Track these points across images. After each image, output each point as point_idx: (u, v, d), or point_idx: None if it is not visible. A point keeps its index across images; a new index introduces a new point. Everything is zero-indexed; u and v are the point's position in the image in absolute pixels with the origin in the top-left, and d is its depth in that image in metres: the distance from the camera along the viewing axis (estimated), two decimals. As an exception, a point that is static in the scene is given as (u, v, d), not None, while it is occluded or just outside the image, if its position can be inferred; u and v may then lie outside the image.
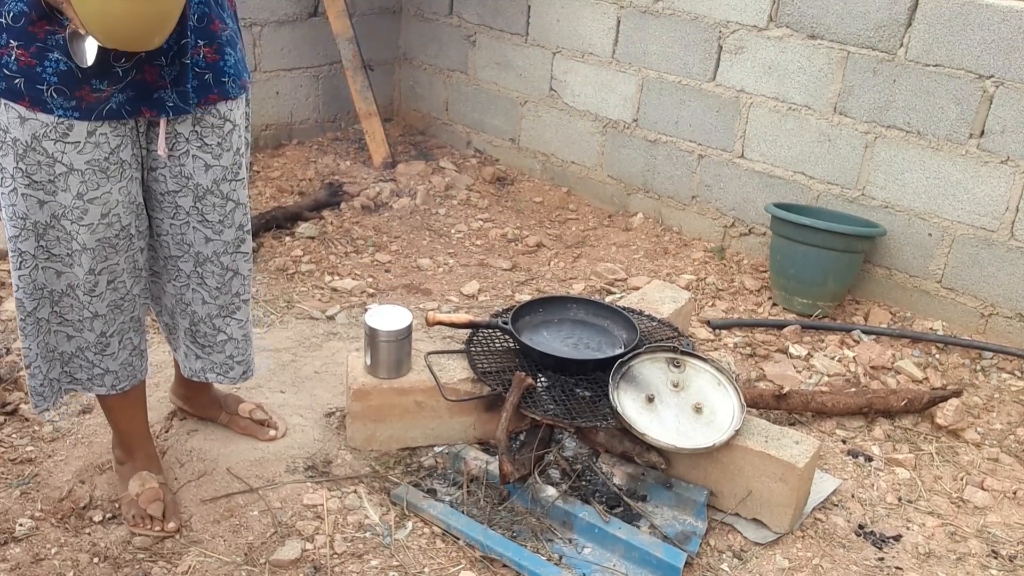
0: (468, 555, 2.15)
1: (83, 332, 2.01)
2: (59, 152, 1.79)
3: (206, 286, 2.10)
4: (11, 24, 1.69)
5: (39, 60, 1.71)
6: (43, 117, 1.75)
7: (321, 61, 4.71)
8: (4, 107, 1.75)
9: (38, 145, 1.77)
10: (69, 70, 1.72)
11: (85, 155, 1.81)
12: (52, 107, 1.74)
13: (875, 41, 3.36)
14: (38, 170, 1.80)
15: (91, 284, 1.94)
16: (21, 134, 1.76)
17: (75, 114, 1.76)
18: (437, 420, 2.47)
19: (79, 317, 1.98)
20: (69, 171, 1.81)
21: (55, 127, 1.76)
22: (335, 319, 3.20)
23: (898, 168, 3.42)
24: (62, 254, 1.90)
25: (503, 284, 3.57)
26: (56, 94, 1.74)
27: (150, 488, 2.17)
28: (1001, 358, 3.23)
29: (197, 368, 2.24)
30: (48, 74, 1.72)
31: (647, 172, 4.15)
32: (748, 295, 3.63)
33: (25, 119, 1.75)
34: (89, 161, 1.81)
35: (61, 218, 1.85)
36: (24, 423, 2.48)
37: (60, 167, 1.80)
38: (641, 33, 3.98)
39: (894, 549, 2.31)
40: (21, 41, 1.69)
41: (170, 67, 1.81)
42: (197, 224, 2.01)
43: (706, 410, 2.32)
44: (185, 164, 1.94)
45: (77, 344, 2.03)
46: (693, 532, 2.23)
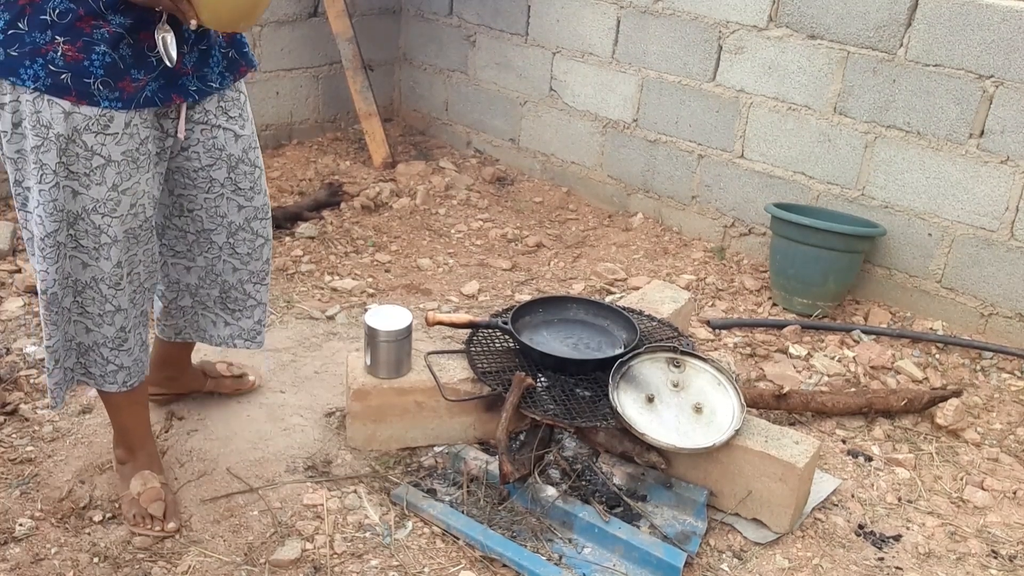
0: (468, 555, 2.15)
1: (102, 327, 2.04)
2: (98, 145, 1.85)
3: (237, 254, 2.20)
4: (57, 21, 1.73)
5: (86, 54, 1.76)
6: (86, 110, 1.80)
7: (321, 61, 4.71)
8: (48, 103, 1.78)
9: (79, 139, 1.83)
10: (113, 62, 1.79)
11: (121, 146, 1.87)
12: (99, 99, 1.80)
13: (875, 41, 3.36)
14: (76, 162, 1.85)
15: (116, 278, 1.99)
16: (64, 129, 1.81)
17: (118, 104, 1.82)
18: (437, 420, 2.48)
19: (100, 311, 2.02)
20: (107, 163, 1.87)
21: (97, 120, 1.82)
22: (335, 319, 3.20)
23: (898, 168, 3.42)
24: (89, 247, 1.94)
25: (503, 284, 3.57)
26: (102, 86, 1.80)
27: (151, 488, 2.18)
28: (1001, 358, 3.23)
29: (226, 335, 2.34)
30: (95, 67, 1.78)
31: (647, 172, 4.15)
32: (748, 295, 3.63)
33: (69, 113, 1.80)
34: (124, 152, 1.88)
35: (92, 212, 1.90)
36: (24, 423, 2.48)
37: (98, 159, 1.86)
38: (641, 33, 3.98)
39: (894, 549, 2.31)
40: (68, 37, 1.74)
41: (190, 54, 1.91)
42: (231, 194, 2.12)
43: (706, 410, 2.32)
44: (217, 137, 2.04)
45: (94, 339, 2.06)
46: (693, 532, 2.23)
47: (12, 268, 3.27)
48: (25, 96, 1.78)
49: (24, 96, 1.78)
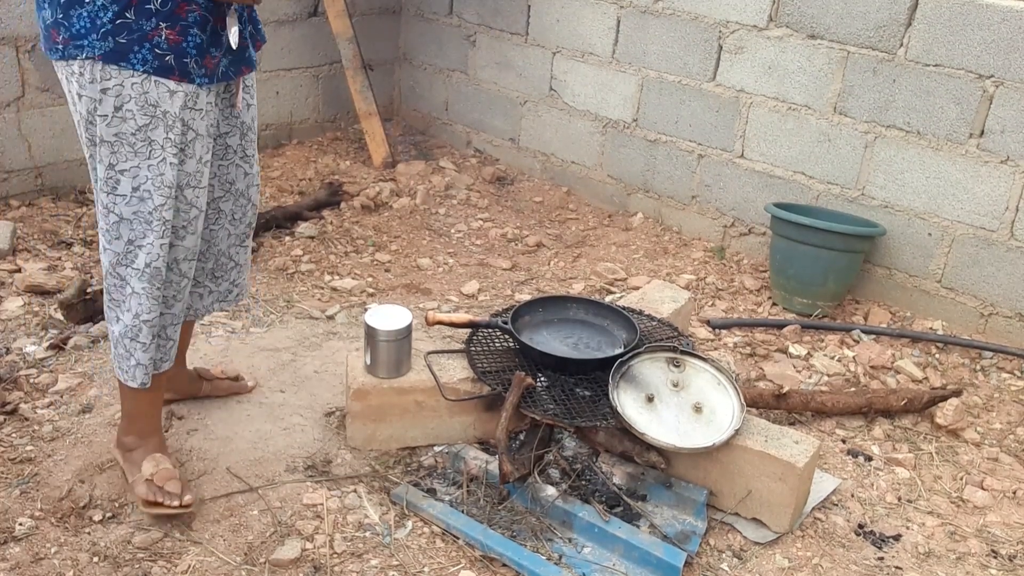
0: (468, 554, 2.15)
1: (174, 307, 2.14)
2: (191, 120, 1.99)
3: (234, 221, 2.29)
4: (160, 9, 1.89)
5: (183, 37, 1.92)
6: (185, 87, 1.95)
7: (321, 61, 4.71)
8: (155, 84, 1.92)
9: (181, 115, 1.96)
10: (202, 42, 1.95)
11: (205, 120, 2.02)
12: (194, 77, 1.95)
13: (875, 41, 3.36)
14: (180, 139, 1.98)
15: (195, 251, 2.12)
16: (170, 106, 1.95)
17: (205, 80, 1.98)
18: (437, 420, 2.47)
19: (175, 291, 2.12)
20: (196, 137, 2.01)
21: (191, 96, 1.96)
22: (335, 319, 3.20)
23: (898, 168, 3.42)
24: (178, 225, 2.06)
25: (503, 284, 3.57)
26: (196, 65, 1.95)
27: (164, 468, 2.18)
28: (1001, 358, 3.23)
29: (208, 303, 2.37)
30: (190, 47, 1.94)
31: (647, 172, 4.15)
32: (748, 295, 3.63)
33: (174, 92, 1.94)
34: (207, 126, 2.03)
35: (185, 187, 2.03)
36: (24, 422, 2.48)
37: (191, 134, 2.00)
38: (641, 33, 3.98)
39: (894, 549, 2.31)
40: (169, 22, 1.90)
41: (245, 27, 2.07)
42: (240, 161, 2.23)
43: (706, 410, 2.32)
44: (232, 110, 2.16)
45: (165, 320, 2.14)
46: (693, 532, 2.23)
47: (12, 268, 3.27)
48: (131, 79, 1.90)
49: (129, 80, 1.90)
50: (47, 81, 3.72)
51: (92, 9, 1.87)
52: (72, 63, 1.92)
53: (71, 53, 1.91)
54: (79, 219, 3.71)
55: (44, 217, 3.69)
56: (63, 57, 1.93)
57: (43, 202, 3.79)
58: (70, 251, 3.47)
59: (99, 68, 1.90)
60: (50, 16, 1.92)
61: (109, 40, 1.88)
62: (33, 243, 3.47)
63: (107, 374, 2.71)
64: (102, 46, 1.88)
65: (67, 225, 3.65)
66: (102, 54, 1.88)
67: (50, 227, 3.62)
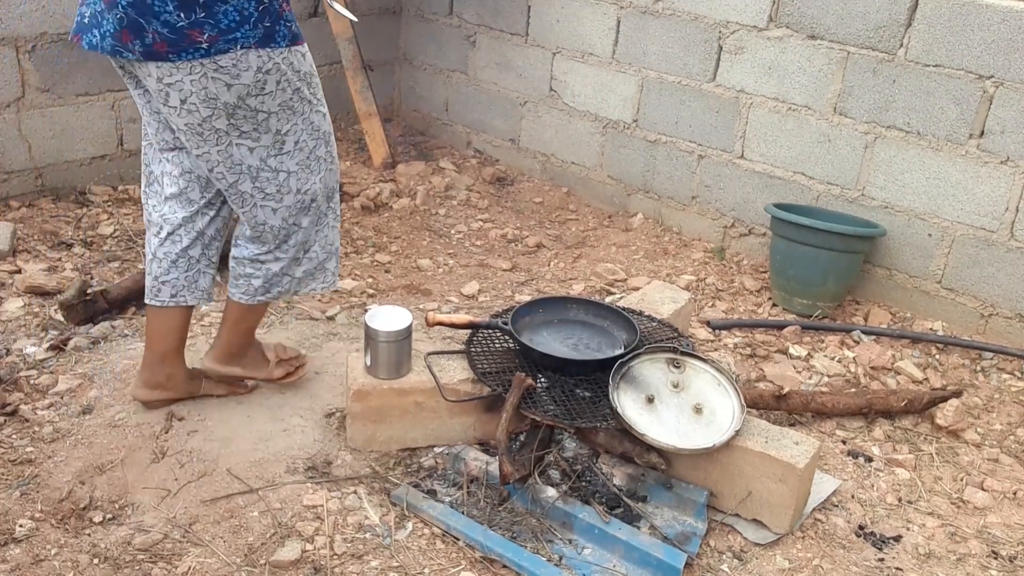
0: (468, 556, 2.15)
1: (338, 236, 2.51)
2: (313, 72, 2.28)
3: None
4: None
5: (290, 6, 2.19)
6: (304, 47, 2.22)
7: (321, 61, 4.70)
8: (292, 52, 2.17)
9: (312, 70, 2.26)
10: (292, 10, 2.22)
11: None
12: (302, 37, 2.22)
13: (875, 41, 3.36)
14: (317, 88, 2.29)
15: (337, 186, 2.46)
16: (303, 66, 2.22)
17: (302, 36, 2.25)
18: (437, 421, 2.47)
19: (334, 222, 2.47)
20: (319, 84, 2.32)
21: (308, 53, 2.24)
22: (335, 319, 3.20)
23: (898, 168, 3.42)
24: (335, 155, 2.40)
25: (503, 284, 3.57)
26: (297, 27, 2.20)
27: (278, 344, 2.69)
28: (1001, 358, 3.23)
29: None
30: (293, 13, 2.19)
31: (647, 172, 4.15)
32: (748, 295, 3.63)
33: (304, 54, 2.23)
34: None
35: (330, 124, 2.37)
36: (24, 423, 2.48)
37: (316, 80, 2.29)
38: (641, 33, 3.98)
39: (894, 550, 2.31)
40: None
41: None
42: None
43: (706, 411, 2.32)
44: None
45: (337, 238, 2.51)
46: (693, 533, 2.23)
47: (12, 269, 3.27)
48: (281, 55, 2.14)
49: (280, 55, 2.13)
50: (47, 81, 3.72)
51: (237, 3, 2.02)
52: (221, 57, 2.04)
53: (221, 48, 2.03)
54: (79, 220, 3.70)
55: (44, 218, 3.69)
56: (208, 54, 2.03)
57: (43, 203, 3.79)
58: (70, 252, 3.47)
59: (254, 54, 2.08)
60: (183, 18, 2.00)
61: (259, 27, 2.07)
62: (33, 244, 3.47)
63: (107, 375, 2.71)
64: (255, 34, 2.07)
65: (67, 226, 3.65)
66: (256, 41, 2.07)
67: (50, 228, 3.61)
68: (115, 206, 3.86)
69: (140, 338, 2.94)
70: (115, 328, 2.97)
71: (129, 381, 2.69)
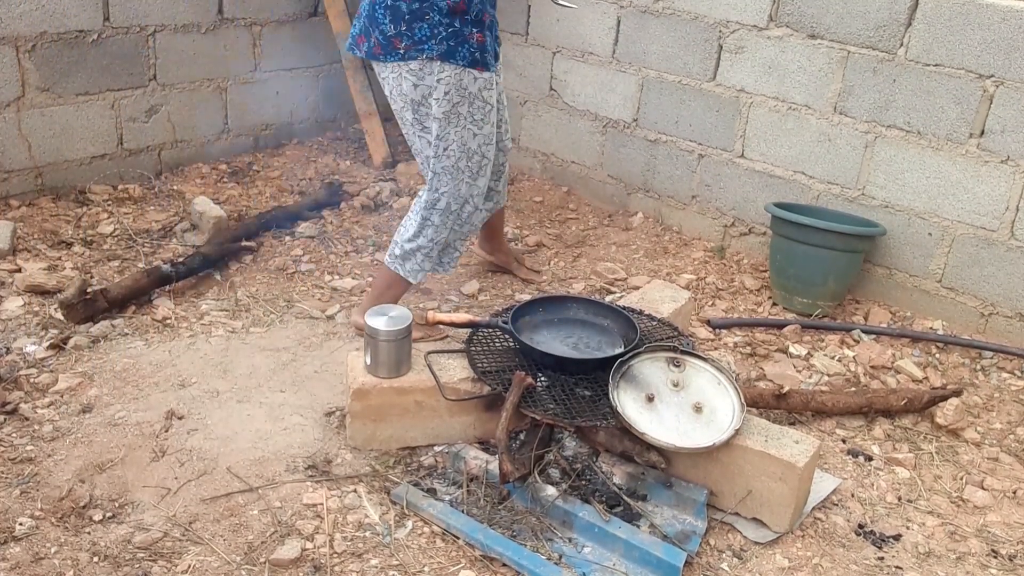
0: (468, 554, 2.15)
1: (464, 229, 3.00)
2: (489, 96, 2.79)
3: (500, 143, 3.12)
4: (475, 19, 2.69)
5: (487, 38, 2.73)
6: (485, 75, 2.75)
7: (321, 61, 4.70)
8: (466, 73, 2.71)
9: (480, 94, 2.76)
10: (491, 42, 2.77)
11: (495, 96, 2.84)
12: (490, 67, 2.76)
13: (875, 41, 3.36)
14: (478, 112, 2.78)
15: (484, 191, 2.95)
16: (473, 88, 2.74)
17: (494, 69, 2.81)
18: (437, 419, 2.48)
19: (469, 221, 2.98)
20: (492, 108, 2.82)
21: (487, 80, 2.76)
22: (335, 319, 3.20)
23: (898, 168, 3.42)
24: (475, 171, 2.87)
25: (503, 284, 3.58)
26: (490, 58, 2.76)
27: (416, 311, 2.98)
28: (1001, 358, 3.23)
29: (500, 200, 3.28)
30: (488, 46, 2.75)
31: (647, 172, 4.15)
32: (748, 295, 3.63)
33: (476, 78, 2.73)
34: (495, 100, 2.85)
35: (483, 145, 2.84)
36: (24, 422, 2.48)
37: (488, 106, 2.80)
38: (641, 33, 3.98)
39: (894, 548, 2.31)
40: (478, 28, 2.70)
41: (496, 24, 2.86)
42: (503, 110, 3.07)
43: (706, 409, 2.32)
44: None
45: (457, 238, 3.02)
46: (693, 531, 2.23)
47: (12, 268, 3.27)
48: (451, 71, 2.68)
49: (453, 71, 2.68)
50: (47, 81, 3.72)
51: (432, 23, 2.64)
52: (411, 62, 2.68)
53: (412, 55, 2.67)
54: (79, 219, 3.71)
55: (44, 217, 3.69)
56: (402, 59, 2.68)
57: (43, 202, 3.79)
58: (70, 251, 3.47)
59: (436, 65, 2.67)
60: (392, 29, 2.67)
61: (443, 44, 2.66)
62: (33, 243, 3.47)
63: (107, 374, 2.72)
64: (438, 48, 2.66)
65: (67, 225, 3.65)
66: (438, 54, 2.66)
67: (50, 227, 3.62)
68: (115, 205, 3.87)
69: (140, 337, 2.94)
70: (115, 327, 2.97)
71: (129, 380, 2.70)
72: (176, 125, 4.21)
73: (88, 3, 3.75)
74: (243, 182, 4.26)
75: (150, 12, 3.95)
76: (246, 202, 4.06)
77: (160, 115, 4.13)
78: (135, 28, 3.92)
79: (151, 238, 3.64)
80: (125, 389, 2.66)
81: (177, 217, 3.82)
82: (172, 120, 4.19)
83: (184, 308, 3.15)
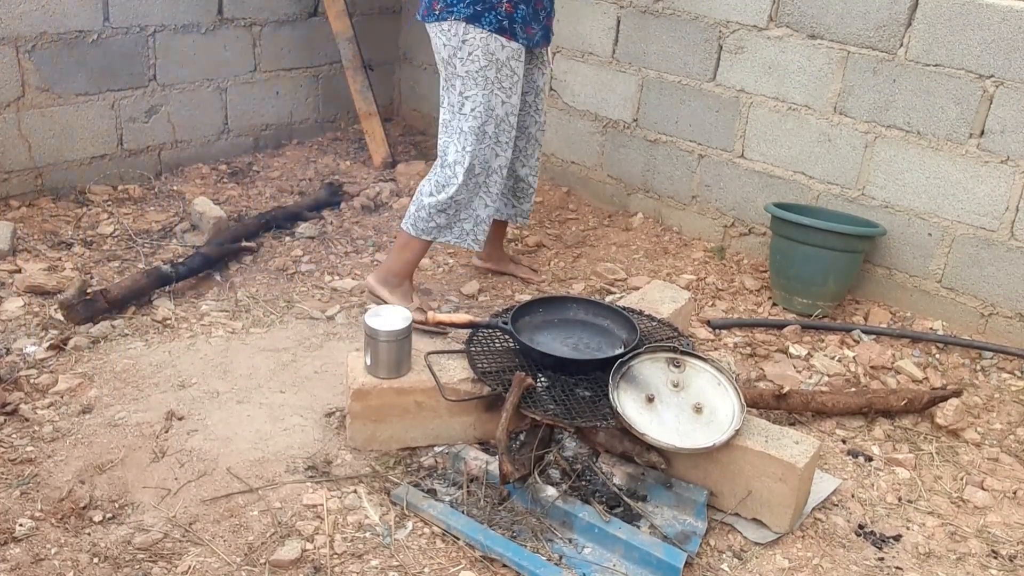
0: (468, 555, 2.15)
1: (494, 203, 3.11)
2: (517, 67, 2.95)
3: (526, 155, 3.31)
4: None
5: (515, 9, 2.89)
6: (513, 44, 2.90)
7: (321, 61, 4.71)
8: (494, 39, 2.86)
9: (508, 63, 2.91)
10: (525, 15, 2.91)
11: (523, 69, 2.98)
12: (519, 38, 2.92)
13: (875, 41, 3.36)
14: (507, 80, 2.93)
15: (507, 162, 3.07)
16: (501, 56, 2.89)
17: (525, 42, 2.95)
18: (437, 420, 2.48)
19: (498, 190, 3.09)
20: (518, 80, 2.97)
21: (516, 51, 2.92)
22: (335, 319, 3.20)
23: (898, 168, 3.42)
24: (504, 141, 3.02)
25: (503, 284, 3.58)
26: (520, 30, 2.91)
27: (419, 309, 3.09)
28: (1001, 358, 3.23)
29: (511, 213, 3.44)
30: (518, 18, 2.90)
31: (647, 172, 4.15)
32: (748, 295, 3.63)
33: (505, 46, 2.89)
34: (522, 73, 2.98)
35: (509, 115, 2.98)
36: (24, 423, 2.48)
37: (515, 77, 2.96)
38: (641, 33, 3.98)
39: (894, 549, 2.31)
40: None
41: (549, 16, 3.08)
42: (533, 113, 3.25)
43: (706, 410, 2.32)
44: (534, 72, 3.18)
45: (487, 212, 3.09)
46: (693, 532, 2.23)
47: (12, 268, 3.27)
48: (480, 35, 2.85)
49: (478, 35, 2.85)
50: (47, 81, 3.72)
51: None
52: (443, 23, 2.88)
53: (443, 16, 2.87)
54: (79, 219, 3.71)
55: (44, 217, 3.69)
56: (437, 19, 2.89)
57: (43, 202, 3.79)
58: (70, 251, 3.47)
59: (461, 26, 2.85)
60: None
61: (470, 7, 2.84)
62: (33, 243, 3.47)
63: (107, 374, 2.72)
64: (465, 11, 2.84)
65: (67, 225, 3.65)
66: (465, 17, 2.84)
67: (50, 227, 3.62)
68: (115, 205, 3.87)
69: (140, 338, 2.94)
70: (115, 328, 2.97)
71: (129, 381, 2.70)
72: (176, 125, 4.21)
73: (88, 3, 3.75)
74: (243, 182, 4.26)
75: (150, 12, 3.95)
76: (246, 202, 4.06)
77: (160, 115, 4.13)
78: (135, 28, 3.93)
79: (151, 238, 3.64)
80: (125, 390, 2.66)
81: (177, 217, 3.82)
82: (172, 120, 4.19)
83: (184, 309, 3.15)
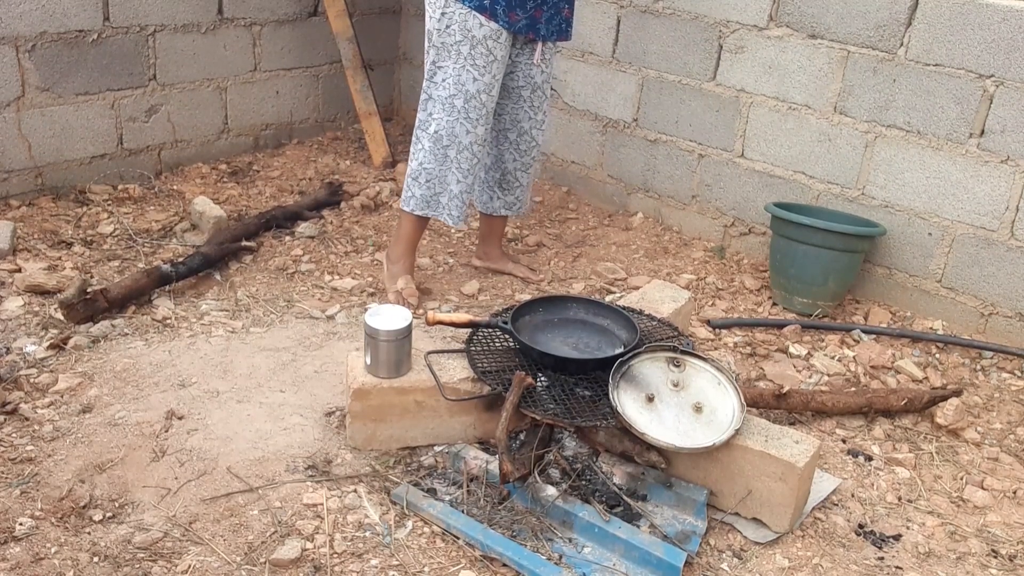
0: (468, 554, 2.15)
1: (467, 178, 3.17)
2: (493, 48, 3.00)
3: (519, 150, 3.35)
4: None
5: None
6: (492, 24, 2.97)
7: (321, 61, 4.71)
8: (472, 16, 2.95)
9: (484, 42, 2.98)
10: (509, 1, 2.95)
11: (502, 52, 3.03)
12: (499, 20, 2.97)
13: (875, 41, 3.36)
14: (480, 57, 2.99)
15: (483, 140, 3.13)
16: (478, 34, 2.96)
17: (506, 25, 2.99)
18: (437, 419, 2.48)
19: (468, 166, 3.14)
20: (495, 61, 3.02)
21: (494, 31, 2.97)
22: (335, 319, 3.20)
23: (898, 168, 3.42)
24: (474, 118, 3.07)
25: (503, 284, 3.58)
26: (502, 12, 2.97)
27: (410, 287, 3.25)
28: (1001, 358, 3.23)
29: (497, 206, 3.50)
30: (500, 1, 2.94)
31: (647, 172, 4.15)
32: (748, 295, 3.63)
33: (483, 25, 2.96)
34: (502, 56, 3.04)
35: (481, 92, 3.04)
36: (24, 422, 2.48)
37: (491, 57, 3.01)
38: (641, 32, 3.98)
39: (894, 548, 2.31)
40: None
41: (546, 11, 3.08)
42: (528, 108, 3.27)
43: (706, 409, 2.32)
44: (531, 68, 3.19)
45: (460, 187, 3.16)
46: (693, 531, 2.23)
47: (12, 268, 3.27)
48: (459, 10, 2.95)
49: (458, 10, 2.95)
50: (47, 81, 3.72)
51: None
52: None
53: None
54: (79, 219, 3.71)
55: (44, 217, 3.69)
56: None
57: (43, 202, 3.79)
58: (70, 251, 3.47)
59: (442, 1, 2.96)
60: None
61: None
62: (33, 243, 3.47)
63: (107, 374, 2.72)
64: None
65: (67, 225, 3.65)
66: None
67: (50, 227, 3.62)
68: (115, 205, 3.87)
69: (140, 337, 2.94)
70: (115, 327, 2.97)
71: (129, 380, 2.70)
72: (176, 125, 4.21)
73: (88, 3, 3.75)
74: (243, 182, 4.26)
75: (150, 12, 3.95)
76: (246, 202, 4.06)
77: (160, 115, 4.13)
78: (135, 28, 3.93)
79: (151, 238, 3.65)
80: (125, 389, 2.65)
81: (177, 217, 3.82)
82: (172, 120, 4.19)
83: (184, 308, 3.15)
